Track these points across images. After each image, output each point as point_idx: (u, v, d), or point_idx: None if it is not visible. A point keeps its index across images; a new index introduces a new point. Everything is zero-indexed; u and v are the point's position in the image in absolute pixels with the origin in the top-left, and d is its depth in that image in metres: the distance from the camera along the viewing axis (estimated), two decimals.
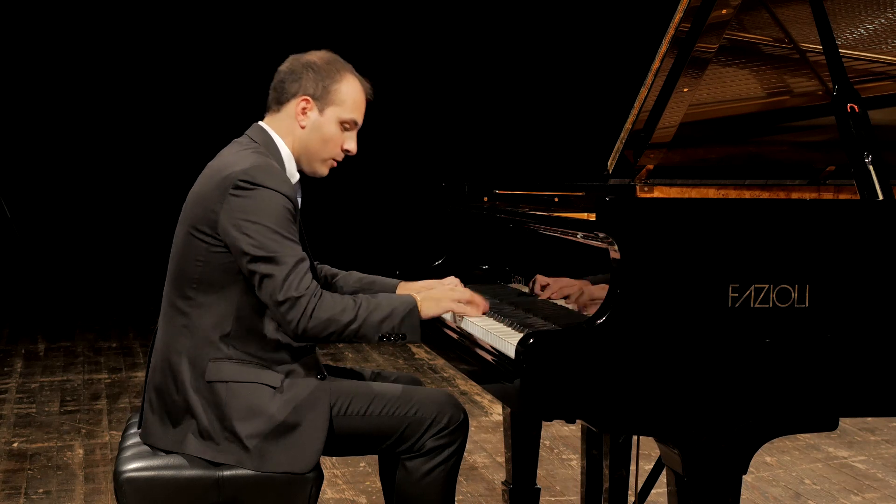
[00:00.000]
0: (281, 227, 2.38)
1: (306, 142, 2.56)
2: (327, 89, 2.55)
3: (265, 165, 2.44)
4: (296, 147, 2.56)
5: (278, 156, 2.54)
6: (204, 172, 2.52)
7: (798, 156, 3.26)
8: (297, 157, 2.57)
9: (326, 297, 2.40)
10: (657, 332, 2.11)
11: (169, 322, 2.50)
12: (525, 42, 9.96)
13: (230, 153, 2.53)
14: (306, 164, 2.59)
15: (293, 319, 2.36)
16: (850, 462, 4.51)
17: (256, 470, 2.39)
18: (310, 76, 2.54)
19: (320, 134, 2.56)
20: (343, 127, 2.58)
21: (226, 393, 2.41)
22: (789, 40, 2.95)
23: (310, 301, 2.36)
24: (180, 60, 9.59)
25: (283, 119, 2.56)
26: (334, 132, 2.57)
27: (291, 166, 2.56)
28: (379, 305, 2.44)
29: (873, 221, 2.22)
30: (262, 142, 2.54)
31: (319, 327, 2.37)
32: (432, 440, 2.52)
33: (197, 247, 2.44)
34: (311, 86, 2.54)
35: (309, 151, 2.57)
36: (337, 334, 2.40)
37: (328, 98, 2.55)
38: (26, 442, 4.73)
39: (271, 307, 2.38)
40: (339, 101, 2.56)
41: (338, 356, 6.56)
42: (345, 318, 2.39)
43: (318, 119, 2.55)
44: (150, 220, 9.49)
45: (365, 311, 2.41)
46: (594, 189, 3.20)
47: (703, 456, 2.14)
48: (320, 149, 2.57)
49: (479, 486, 4.15)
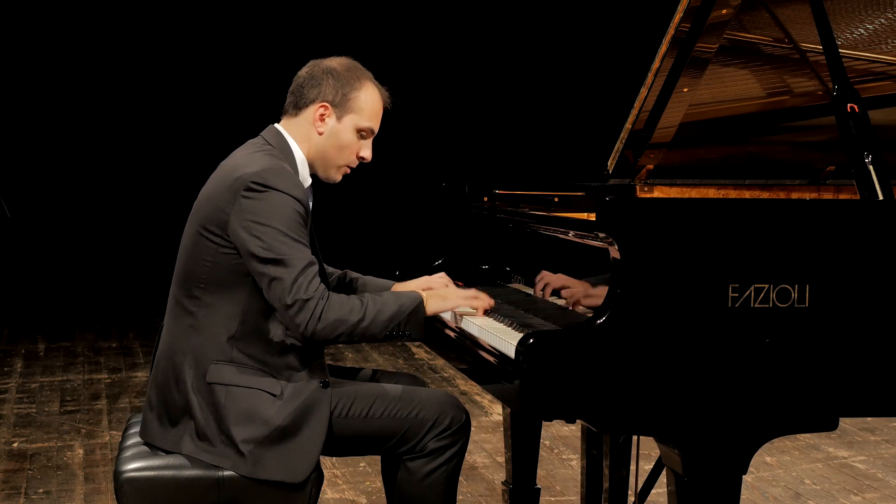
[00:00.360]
0: (291, 230, 2.37)
1: (323, 148, 2.55)
2: (346, 97, 2.54)
3: (277, 168, 2.43)
4: (311, 153, 2.56)
5: (292, 159, 2.53)
6: (216, 172, 2.52)
7: (798, 156, 3.26)
8: (312, 163, 2.57)
9: (334, 298, 2.39)
10: (657, 332, 2.11)
11: (174, 321, 2.49)
12: (525, 42, 9.96)
13: (243, 154, 2.52)
14: (321, 169, 2.58)
15: (302, 322, 2.35)
16: (850, 462, 4.51)
17: (249, 476, 2.38)
18: (330, 83, 2.54)
19: (337, 141, 2.55)
20: (360, 135, 2.57)
21: (225, 396, 2.41)
22: (789, 40, 2.95)
23: (318, 303, 2.35)
24: (185, 60, 9.58)
25: (300, 124, 2.56)
26: (351, 139, 2.56)
27: (304, 170, 2.56)
28: (386, 304, 2.44)
29: (873, 221, 2.22)
30: (276, 144, 2.53)
31: (328, 329, 2.37)
32: (434, 441, 2.51)
33: (206, 247, 2.43)
34: (331, 92, 2.53)
35: (325, 158, 2.56)
36: (346, 335, 2.39)
37: (347, 105, 2.54)
38: (26, 442, 4.73)
39: (280, 310, 2.37)
40: (358, 109, 2.55)
41: (338, 356, 6.56)
42: (353, 318, 2.38)
43: (336, 126, 2.54)
44: (150, 220, 9.50)
45: (373, 311, 2.41)
46: (594, 189, 3.20)
47: (703, 456, 2.14)
48: (336, 156, 2.57)
49: (479, 486, 4.15)
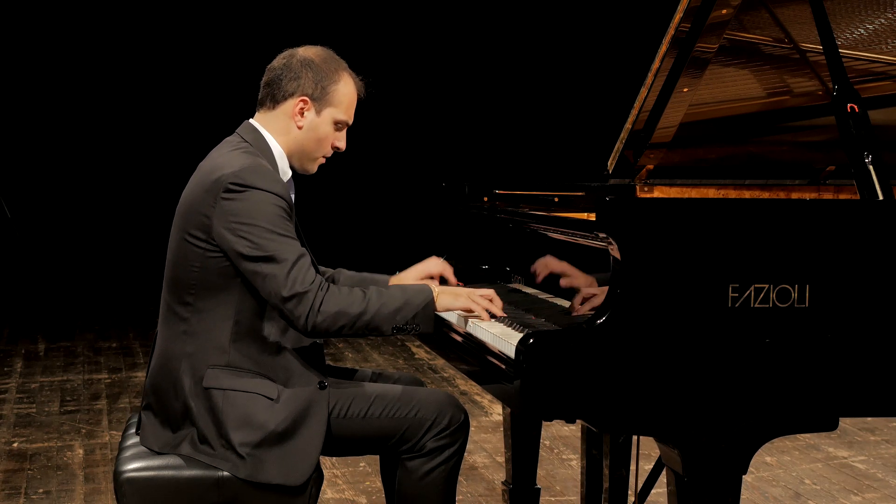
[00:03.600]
0: (276, 227, 2.36)
1: (302, 142, 2.54)
2: (326, 90, 2.53)
3: (255, 166, 2.41)
4: (290, 146, 2.54)
5: (270, 155, 2.51)
6: (194, 175, 2.49)
7: (798, 156, 3.26)
8: (290, 156, 2.55)
9: (333, 290, 2.38)
10: (657, 332, 2.11)
11: (168, 327, 2.48)
12: (525, 42, 9.96)
13: (220, 154, 2.49)
14: (298, 162, 2.57)
15: (301, 314, 2.33)
16: (850, 462, 4.51)
17: (249, 479, 2.38)
18: (309, 76, 2.51)
19: (316, 134, 2.54)
20: (336, 127, 2.56)
21: (222, 400, 2.40)
22: (789, 40, 2.95)
23: (316, 295, 2.34)
24: (180, 60, 9.58)
25: (278, 118, 2.53)
26: (329, 132, 2.55)
27: (284, 164, 2.54)
28: (392, 297, 2.42)
29: (873, 221, 2.22)
30: (252, 141, 2.51)
31: (329, 321, 2.35)
32: (433, 441, 2.51)
33: (192, 252, 2.41)
34: (310, 86, 2.51)
35: (303, 151, 2.55)
36: (348, 327, 2.37)
37: (326, 99, 2.53)
38: (26, 442, 4.73)
39: (278, 305, 2.36)
40: (337, 103, 2.54)
41: (338, 356, 6.56)
42: (354, 310, 2.37)
43: (315, 120, 2.53)
44: (150, 220, 9.49)
45: (376, 303, 2.39)
46: (594, 189, 3.20)
47: (703, 456, 2.14)
48: (315, 148, 2.56)
49: (479, 486, 4.15)
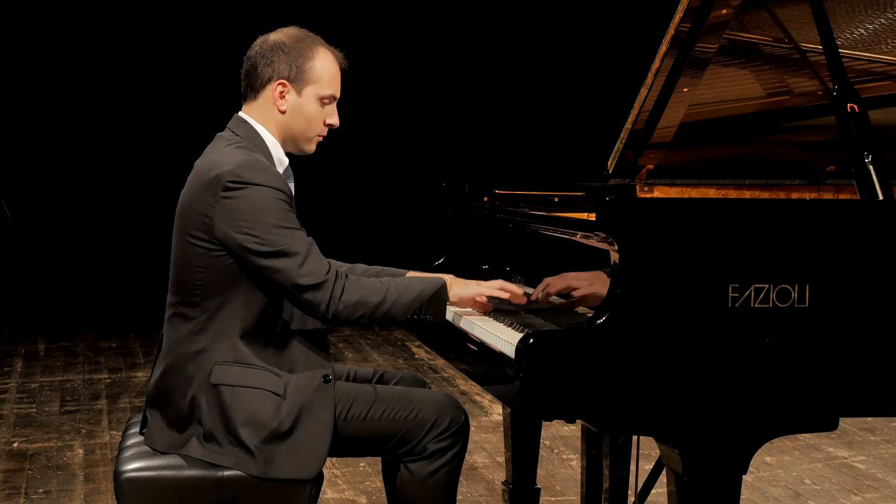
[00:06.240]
0: (282, 220, 2.37)
1: (289, 125, 2.53)
2: (301, 69, 2.50)
3: (251, 161, 2.40)
4: (279, 132, 2.53)
5: (263, 146, 2.50)
6: (191, 175, 2.48)
7: (798, 156, 3.26)
8: (283, 141, 2.54)
9: (352, 279, 2.40)
10: (657, 332, 2.11)
11: (175, 329, 2.47)
12: (525, 42, 9.96)
13: (214, 151, 2.48)
14: (292, 145, 2.56)
15: (322, 302, 2.36)
16: (850, 462, 4.51)
17: (260, 475, 2.37)
18: (281, 58, 2.49)
19: (302, 115, 2.52)
20: (322, 103, 2.54)
21: (231, 397, 2.39)
22: (789, 40, 2.95)
23: (336, 284, 2.37)
24: (180, 60, 9.58)
25: (261, 106, 2.52)
26: (315, 110, 2.53)
27: (279, 152, 2.53)
28: (409, 286, 2.44)
29: (873, 221, 2.22)
30: (244, 134, 2.50)
31: (349, 310, 2.38)
32: (434, 443, 2.51)
33: (196, 253, 2.41)
34: (285, 68, 2.49)
35: (294, 134, 2.54)
36: (367, 317, 2.40)
37: (303, 78, 2.50)
38: (26, 442, 4.73)
39: (296, 296, 2.37)
40: (316, 79, 2.51)
41: (338, 356, 6.56)
42: (374, 299, 2.40)
43: (297, 101, 2.51)
44: (150, 220, 9.49)
45: (395, 293, 2.42)
46: (594, 189, 3.20)
47: (703, 456, 2.14)
48: (305, 129, 2.54)
49: (479, 486, 4.15)
